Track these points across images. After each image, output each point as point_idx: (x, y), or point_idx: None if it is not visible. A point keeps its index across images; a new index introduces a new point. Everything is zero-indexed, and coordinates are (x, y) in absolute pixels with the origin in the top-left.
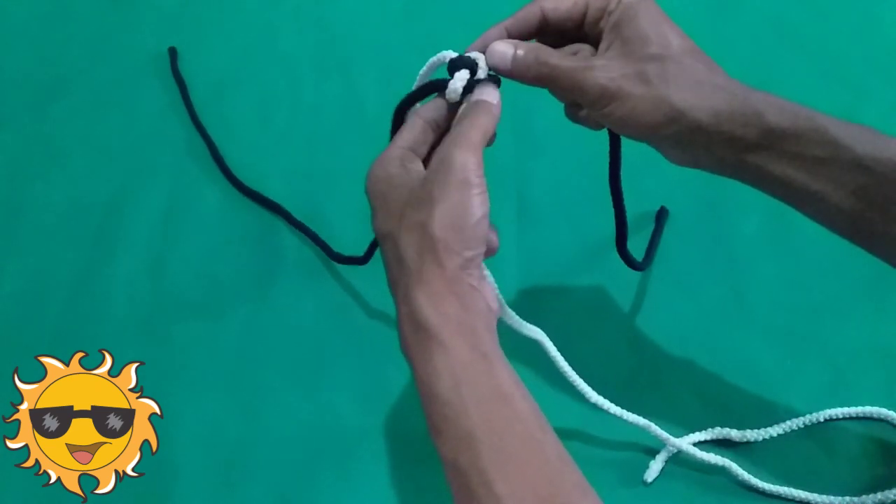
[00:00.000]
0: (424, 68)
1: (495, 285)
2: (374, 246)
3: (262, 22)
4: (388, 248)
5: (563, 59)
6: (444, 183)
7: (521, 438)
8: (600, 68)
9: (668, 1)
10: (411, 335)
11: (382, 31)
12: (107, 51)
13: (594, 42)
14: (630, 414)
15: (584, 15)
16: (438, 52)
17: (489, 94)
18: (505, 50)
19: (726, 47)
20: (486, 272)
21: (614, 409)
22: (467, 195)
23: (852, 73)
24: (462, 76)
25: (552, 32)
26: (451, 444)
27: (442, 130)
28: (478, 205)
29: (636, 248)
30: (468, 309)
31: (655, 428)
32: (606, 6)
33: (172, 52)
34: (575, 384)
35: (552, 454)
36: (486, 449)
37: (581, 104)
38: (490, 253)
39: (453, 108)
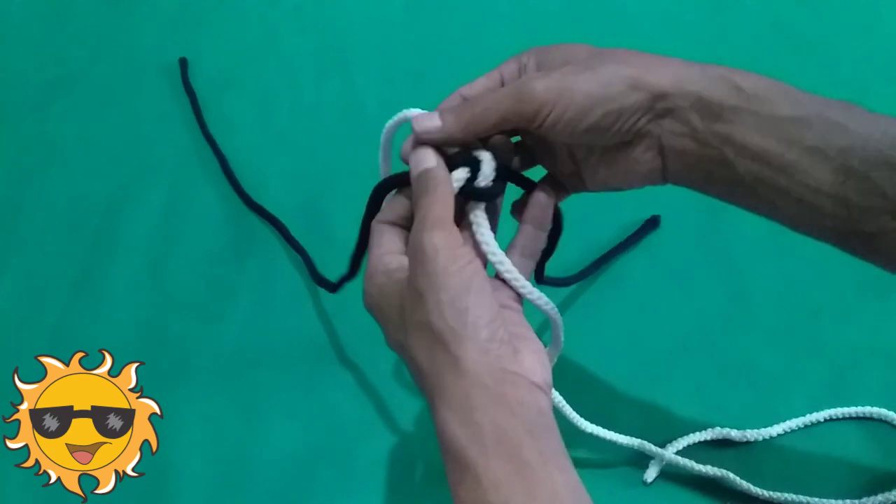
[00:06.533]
0: (386, 130)
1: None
2: (345, 279)
3: (262, 23)
4: (406, 361)
5: (487, 92)
6: (424, 273)
7: None
8: (533, 77)
9: (669, 1)
10: (443, 453)
11: (382, 31)
12: (107, 50)
13: None
14: (623, 436)
15: (501, 82)
16: (437, 51)
17: (428, 161)
18: (429, 122)
19: (726, 47)
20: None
21: (610, 434)
22: (451, 276)
23: (852, 72)
24: (460, 176)
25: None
26: None
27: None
28: (464, 281)
29: (634, 252)
30: (502, 405)
31: (649, 445)
32: (519, 65)
33: (183, 63)
34: (570, 418)
35: None
36: None
37: (528, 128)
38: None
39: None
